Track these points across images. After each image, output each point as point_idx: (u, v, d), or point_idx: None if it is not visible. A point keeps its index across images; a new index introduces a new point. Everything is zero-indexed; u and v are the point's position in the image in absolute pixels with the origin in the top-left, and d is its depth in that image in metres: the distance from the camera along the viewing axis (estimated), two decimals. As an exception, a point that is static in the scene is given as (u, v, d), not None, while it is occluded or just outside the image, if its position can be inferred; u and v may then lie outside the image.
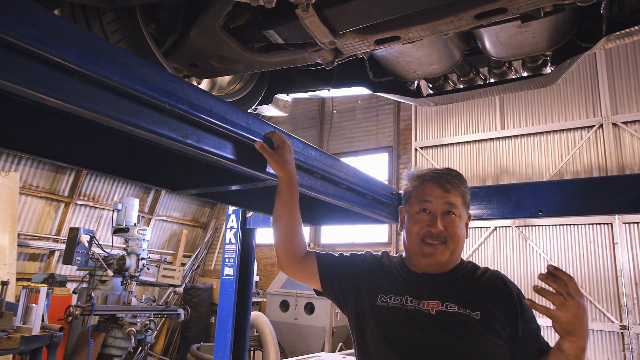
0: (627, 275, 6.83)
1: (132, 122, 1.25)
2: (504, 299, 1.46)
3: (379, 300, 1.54)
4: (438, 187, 1.54)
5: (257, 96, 2.65)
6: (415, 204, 1.57)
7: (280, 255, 1.69)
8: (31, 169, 8.43)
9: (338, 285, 1.67)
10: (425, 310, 1.45)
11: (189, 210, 11.65)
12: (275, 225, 1.68)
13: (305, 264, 1.69)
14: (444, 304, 1.45)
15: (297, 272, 1.73)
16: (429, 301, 1.47)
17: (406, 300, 1.49)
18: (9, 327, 4.40)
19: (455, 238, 1.51)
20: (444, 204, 1.52)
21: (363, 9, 1.62)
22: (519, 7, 1.56)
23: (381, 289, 1.56)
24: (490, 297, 1.46)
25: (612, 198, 2.57)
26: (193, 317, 8.93)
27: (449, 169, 1.63)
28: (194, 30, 1.85)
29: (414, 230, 1.54)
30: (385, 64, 2.31)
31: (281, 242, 1.68)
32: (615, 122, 7.43)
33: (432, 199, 1.53)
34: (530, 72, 2.36)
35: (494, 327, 1.40)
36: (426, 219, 1.52)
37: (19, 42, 0.98)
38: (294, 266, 1.70)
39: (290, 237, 1.67)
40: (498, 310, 1.43)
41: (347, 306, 1.65)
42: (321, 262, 1.70)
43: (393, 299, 1.51)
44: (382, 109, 10.44)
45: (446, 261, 1.52)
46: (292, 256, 1.68)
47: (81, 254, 6.63)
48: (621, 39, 1.99)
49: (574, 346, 1.28)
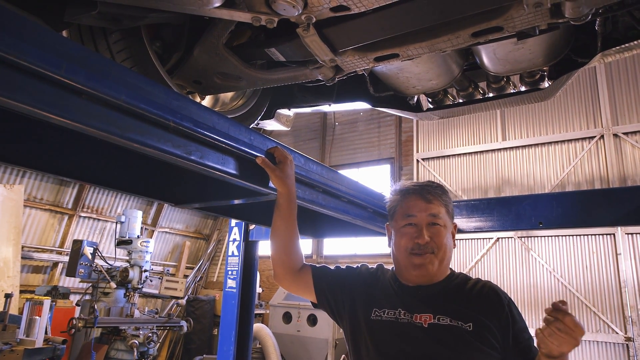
0: (631, 286, 6.80)
1: (137, 139, 1.28)
2: (495, 309, 1.46)
3: (373, 314, 1.55)
4: (420, 199, 1.57)
5: (259, 111, 2.69)
6: (400, 219, 1.59)
7: (276, 267, 1.74)
8: (35, 182, 8.48)
9: (333, 298, 1.69)
10: (418, 323, 1.46)
11: (191, 222, 11.68)
12: (273, 238, 1.72)
13: (300, 276, 1.73)
14: (436, 317, 1.46)
15: (293, 285, 1.77)
16: (421, 314, 1.48)
17: (399, 314, 1.50)
18: (12, 339, 4.41)
19: (443, 247, 1.53)
20: (428, 216, 1.54)
21: (362, 28, 1.66)
22: (515, 26, 1.60)
23: (375, 303, 1.57)
24: (482, 308, 1.46)
25: (612, 210, 2.59)
26: (196, 329, 8.91)
27: (430, 181, 1.67)
28: (198, 49, 1.90)
29: (402, 244, 1.56)
30: (385, 79, 2.35)
31: (278, 255, 1.72)
32: (616, 132, 7.46)
33: (415, 212, 1.55)
34: (528, 87, 2.40)
35: (486, 338, 1.40)
36: (412, 232, 1.54)
37: (29, 64, 1.02)
38: (290, 279, 1.74)
39: (286, 251, 1.72)
40: (490, 321, 1.43)
41: (342, 319, 1.67)
42: (316, 275, 1.72)
43: (387, 312, 1.53)
44: (384, 121, 10.49)
45: (436, 271, 1.53)
46: (288, 269, 1.72)
47: (84, 266, 6.65)
48: (618, 53, 2.02)
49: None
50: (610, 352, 6.81)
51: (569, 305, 1.29)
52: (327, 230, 3.03)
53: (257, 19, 1.53)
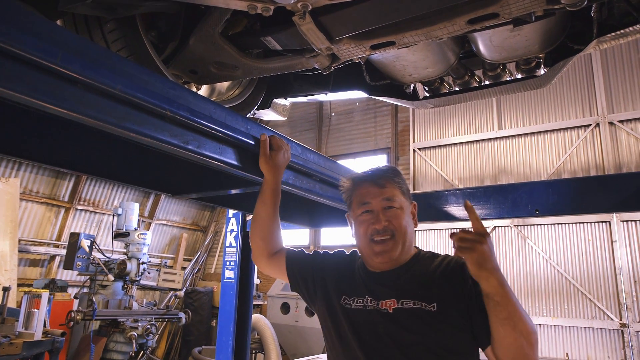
0: (626, 273, 6.87)
1: (134, 129, 1.28)
2: (460, 283, 1.43)
3: (342, 301, 1.56)
4: (373, 185, 1.57)
5: (255, 101, 2.68)
6: (357, 208, 1.60)
7: (254, 249, 1.81)
8: (31, 175, 8.44)
9: (304, 282, 1.71)
10: (384, 309, 1.46)
11: (188, 214, 11.67)
12: (253, 222, 1.80)
13: (275, 259, 1.78)
14: (399, 301, 1.45)
15: (267, 267, 1.82)
16: (386, 300, 1.47)
17: (367, 302, 1.51)
18: (11, 332, 4.41)
19: (402, 230, 1.52)
20: (382, 201, 1.54)
21: (358, 16, 1.66)
22: (511, 12, 1.60)
23: (345, 290, 1.58)
24: (448, 285, 1.44)
25: (607, 197, 2.60)
26: (194, 320, 8.95)
27: (382, 165, 1.69)
28: (193, 38, 1.89)
29: (361, 232, 1.57)
30: (381, 68, 2.35)
31: (255, 238, 1.79)
32: (611, 120, 7.48)
33: (369, 199, 1.56)
34: (524, 74, 2.40)
35: (453, 316, 1.39)
36: (369, 219, 1.55)
37: (25, 53, 1.02)
38: (265, 262, 1.80)
39: (264, 236, 1.78)
40: (456, 296, 1.41)
41: (315, 304, 1.69)
42: (290, 260, 1.76)
43: (356, 300, 1.54)
44: (380, 111, 10.48)
45: (399, 255, 1.53)
46: (264, 252, 1.78)
47: (82, 259, 6.64)
48: (614, 40, 2.02)
49: (491, 284, 1.27)
50: (606, 338, 6.89)
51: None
52: (325, 219, 3.04)
53: (253, 7, 1.52)
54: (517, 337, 1.24)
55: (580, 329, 7.05)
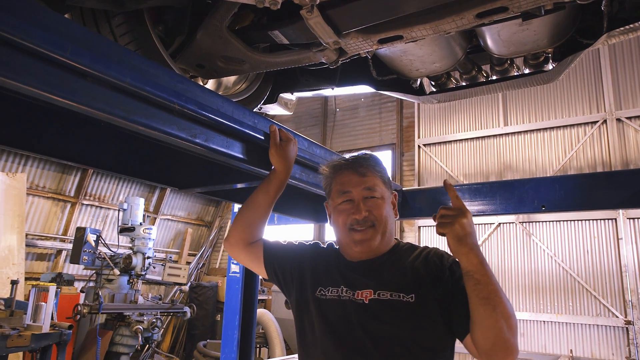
0: (632, 271, 6.83)
1: (142, 122, 1.29)
2: (437, 274, 1.41)
3: (317, 292, 1.53)
4: (353, 173, 1.55)
5: (262, 95, 2.68)
6: (337, 197, 1.57)
7: (233, 233, 1.73)
8: (38, 170, 8.50)
9: (281, 272, 1.68)
10: (359, 300, 1.43)
11: (193, 209, 11.71)
12: (246, 207, 1.73)
13: (253, 248, 1.72)
14: (376, 292, 1.42)
15: (242, 254, 1.74)
16: (362, 290, 1.45)
17: (342, 292, 1.48)
18: (19, 325, 4.45)
19: (382, 220, 1.50)
20: (363, 190, 1.52)
21: (366, 10, 1.65)
22: (520, 6, 1.58)
23: (320, 281, 1.56)
24: (426, 275, 1.42)
25: (615, 193, 2.58)
26: (199, 314, 9.00)
27: (363, 153, 1.64)
28: (201, 32, 1.89)
29: (340, 222, 1.54)
30: (388, 62, 2.34)
31: (242, 222, 1.72)
32: (619, 117, 7.41)
33: (350, 188, 1.53)
34: (532, 69, 2.39)
35: (430, 307, 1.37)
36: (349, 208, 1.52)
37: (35, 46, 1.02)
38: (240, 248, 1.72)
39: (252, 222, 1.72)
40: (434, 287, 1.39)
41: (290, 295, 1.66)
42: (267, 249, 1.72)
43: (330, 291, 1.51)
44: (385, 107, 10.45)
45: (378, 245, 1.51)
46: (244, 238, 1.71)
47: (88, 253, 6.69)
48: (623, 35, 2.00)
49: (471, 262, 1.25)
50: (610, 335, 6.87)
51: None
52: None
53: (261, 1, 1.52)
54: (498, 318, 1.21)
55: (585, 326, 7.03)
